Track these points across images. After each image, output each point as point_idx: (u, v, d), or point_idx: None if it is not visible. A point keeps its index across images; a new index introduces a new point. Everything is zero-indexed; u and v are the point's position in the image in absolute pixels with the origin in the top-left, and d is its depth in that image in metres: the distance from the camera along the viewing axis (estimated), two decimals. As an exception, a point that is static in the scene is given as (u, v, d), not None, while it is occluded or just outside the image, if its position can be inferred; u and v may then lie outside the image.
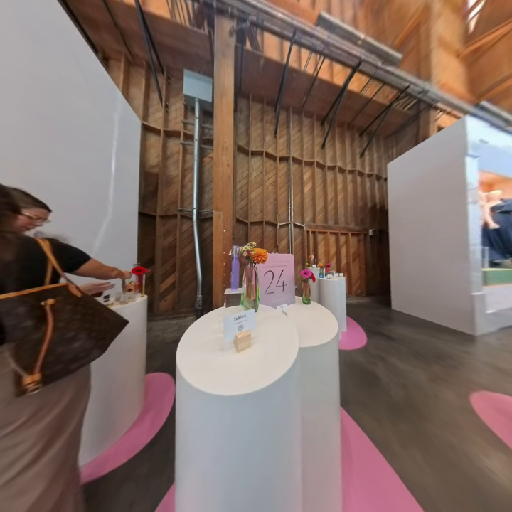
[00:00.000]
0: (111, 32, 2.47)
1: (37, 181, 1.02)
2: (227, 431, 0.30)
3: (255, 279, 0.60)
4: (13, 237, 0.41)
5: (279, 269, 0.85)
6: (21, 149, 0.96)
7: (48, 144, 1.10)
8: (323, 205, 3.72)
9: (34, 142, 1.03)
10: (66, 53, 1.27)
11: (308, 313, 0.76)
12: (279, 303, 0.82)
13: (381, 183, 4.23)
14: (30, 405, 0.38)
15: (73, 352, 0.43)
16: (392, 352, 1.62)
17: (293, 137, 3.60)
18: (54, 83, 1.15)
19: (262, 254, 0.61)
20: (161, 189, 2.70)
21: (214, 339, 0.45)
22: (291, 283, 0.90)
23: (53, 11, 1.20)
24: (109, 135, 1.74)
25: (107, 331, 0.52)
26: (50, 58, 1.14)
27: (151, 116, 2.76)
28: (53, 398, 0.42)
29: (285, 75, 2.99)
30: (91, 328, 0.48)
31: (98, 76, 1.60)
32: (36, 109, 1.04)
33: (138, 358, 1.02)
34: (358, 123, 4.07)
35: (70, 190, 1.24)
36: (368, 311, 2.90)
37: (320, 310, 0.80)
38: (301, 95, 3.46)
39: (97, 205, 1.55)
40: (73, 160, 1.29)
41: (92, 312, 0.51)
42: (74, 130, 1.30)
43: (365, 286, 3.86)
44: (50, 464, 0.39)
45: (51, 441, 0.40)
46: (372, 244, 4.00)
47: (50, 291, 0.45)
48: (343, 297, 2.07)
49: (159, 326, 2.29)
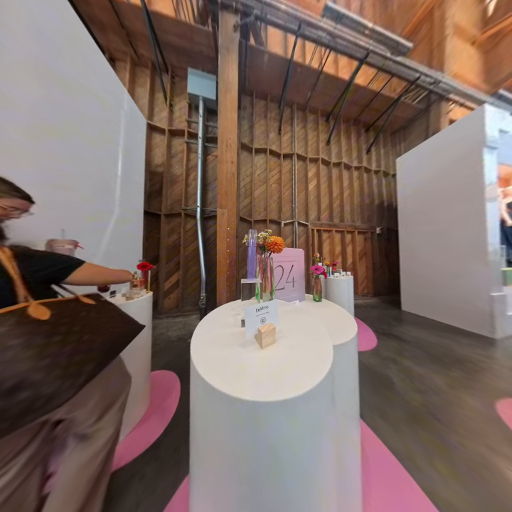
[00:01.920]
0: (117, 33, 2.50)
1: (47, 181, 1.05)
2: (252, 438, 0.25)
3: (270, 271, 0.56)
4: None
5: (289, 265, 0.82)
6: (32, 149, 0.99)
7: (57, 143, 1.12)
8: (329, 202, 3.64)
9: (44, 141, 1.05)
10: (78, 55, 1.30)
11: (321, 311, 0.72)
12: (289, 300, 0.80)
13: (389, 180, 4.10)
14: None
15: (20, 404, 0.32)
16: (406, 355, 1.54)
17: (297, 134, 3.53)
18: (64, 83, 1.17)
19: (279, 243, 0.55)
20: (165, 188, 2.72)
21: (230, 334, 0.41)
22: (301, 279, 0.87)
23: (66, 13, 1.23)
24: (117, 135, 1.76)
25: (84, 362, 0.39)
26: (62, 59, 1.16)
27: (156, 115, 2.79)
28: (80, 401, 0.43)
29: (289, 70, 2.93)
30: (52, 366, 0.36)
31: (106, 76, 1.62)
32: (47, 108, 1.06)
33: (143, 355, 1.02)
34: (365, 118, 3.94)
35: (77, 189, 1.27)
36: (376, 311, 2.82)
37: (333, 308, 0.76)
38: (305, 91, 3.39)
39: (104, 204, 1.58)
40: (81, 159, 1.31)
41: (62, 339, 0.38)
42: (82, 130, 1.32)
43: (373, 286, 3.76)
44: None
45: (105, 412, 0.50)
46: (379, 243, 3.89)
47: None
48: (351, 297, 2.01)
49: (164, 324, 2.32)
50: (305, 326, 0.46)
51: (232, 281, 2.25)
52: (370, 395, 1.09)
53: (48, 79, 1.07)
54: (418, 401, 1.05)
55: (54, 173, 1.11)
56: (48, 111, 1.07)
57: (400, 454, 0.76)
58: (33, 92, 0.99)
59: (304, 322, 0.48)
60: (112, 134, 1.69)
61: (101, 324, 0.47)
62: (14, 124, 0.91)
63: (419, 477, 0.68)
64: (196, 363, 0.32)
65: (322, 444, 0.29)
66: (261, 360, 0.33)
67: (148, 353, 1.09)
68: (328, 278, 2.03)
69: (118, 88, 1.80)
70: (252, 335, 0.37)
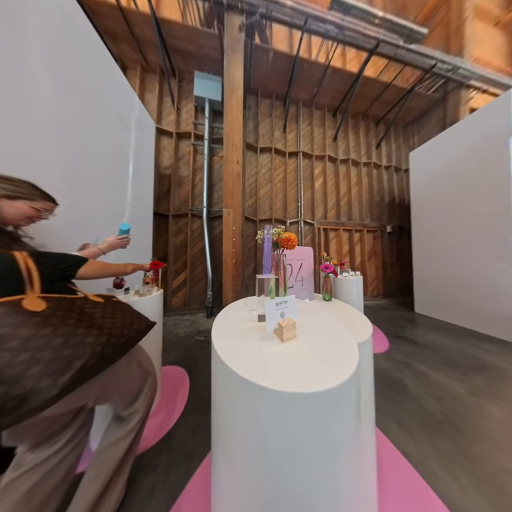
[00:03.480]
0: (128, 42, 2.62)
1: (74, 188, 1.14)
2: (277, 429, 0.25)
3: (283, 268, 0.55)
4: None
5: (298, 263, 0.81)
6: (60, 157, 1.08)
7: (79, 151, 1.22)
8: (336, 200, 3.54)
9: (69, 149, 1.14)
10: (95, 67, 1.39)
11: (333, 310, 0.70)
12: (298, 298, 0.79)
13: (400, 175, 3.90)
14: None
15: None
16: (421, 359, 1.45)
17: (303, 131, 3.48)
18: (80, 92, 1.25)
19: (293, 239, 0.55)
20: (173, 189, 2.81)
21: (248, 328, 0.41)
22: (310, 278, 0.85)
23: (85, 28, 1.33)
24: (128, 140, 1.85)
25: (72, 358, 0.36)
26: (82, 71, 1.25)
27: (164, 119, 2.88)
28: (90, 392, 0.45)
29: (295, 67, 2.89)
30: (32, 361, 0.33)
31: (119, 84, 1.71)
32: (67, 116, 1.14)
33: (155, 350, 1.04)
34: (374, 112, 3.78)
35: (92, 191, 1.35)
36: (387, 313, 2.70)
37: (345, 307, 0.74)
38: (311, 87, 3.32)
39: (117, 206, 1.67)
40: (96, 164, 1.39)
41: (51, 331, 0.36)
42: (97, 136, 1.40)
43: (383, 286, 3.61)
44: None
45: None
46: (390, 242, 3.72)
47: None
48: (361, 297, 1.92)
49: (172, 321, 2.40)
50: (323, 323, 0.45)
51: (238, 280, 2.27)
52: (384, 400, 1.04)
53: (68, 90, 1.15)
54: (436, 408, 0.98)
55: (78, 180, 1.21)
56: (70, 120, 1.16)
57: (417, 463, 0.72)
58: (56, 105, 1.07)
59: (321, 319, 0.48)
60: (124, 139, 1.78)
61: (103, 321, 0.45)
62: (44, 136, 0.99)
63: (438, 487, 0.64)
64: (222, 354, 0.32)
65: (344, 443, 0.28)
66: (284, 353, 0.33)
67: (160, 349, 1.12)
68: (336, 278, 1.98)
69: (130, 95, 1.89)
70: (273, 329, 0.37)
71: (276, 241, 0.55)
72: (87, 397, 0.45)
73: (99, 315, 0.47)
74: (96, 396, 0.46)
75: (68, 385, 0.35)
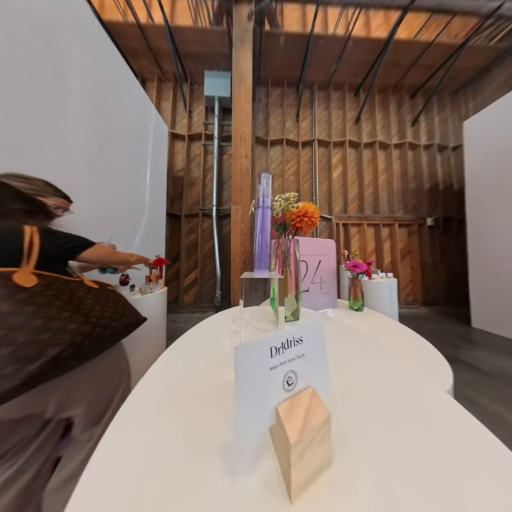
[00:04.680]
0: (146, 56, 2.82)
1: (102, 191, 1.28)
2: None
3: (295, 263, 0.35)
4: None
5: (316, 260, 0.63)
6: (91, 164, 1.22)
7: (107, 158, 1.36)
8: (358, 191, 3.10)
9: (99, 157, 1.28)
10: (118, 82, 1.54)
11: (368, 327, 0.50)
12: (316, 306, 0.61)
13: (446, 155, 3.16)
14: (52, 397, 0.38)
15: None
16: (489, 394, 1.08)
17: (318, 117, 3.15)
18: (107, 108, 1.39)
19: (311, 212, 0.33)
20: (185, 190, 2.91)
21: (216, 393, 0.20)
22: (332, 279, 0.66)
23: (111, 51, 1.47)
24: (146, 146, 1.98)
25: (47, 344, 0.32)
26: (106, 87, 1.39)
27: (178, 124, 3.01)
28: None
29: (309, 46, 2.62)
30: (4, 340, 0.30)
31: (139, 98, 1.85)
32: (96, 129, 1.28)
33: (157, 347, 1.03)
34: (409, 81, 3.16)
35: (116, 195, 1.47)
36: (430, 325, 2.20)
37: (385, 322, 0.53)
38: (328, 65, 2.98)
39: (136, 208, 1.79)
40: (119, 169, 1.53)
41: (34, 310, 0.33)
42: (119, 145, 1.54)
43: (421, 292, 2.99)
44: None
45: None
46: (431, 237, 3.05)
47: None
48: (395, 305, 1.57)
49: (183, 319, 2.47)
50: (386, 381, 0.22)
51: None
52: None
53: (97, 107, 1.29)
54: None
55: (106, 185, 1.33)
56: (98, 133, 1.30)
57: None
58: (88, 120, 1.21)
59: (374, 363, 0.26)
60: (142, 147, 1.92)
61: (91, 307, 0.42)
62: (71, 142, 1.10)
63: None
64: None
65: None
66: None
67: (163, 346, 1.08)
68: (363, 279, 1.65)
69: (148, 107, 2.02)
70: (255, 439, 0.13)
71: (283, 218, 0.33)
72: (47, 401, 0.38)
73: (90, 301, 0.44)
74: (57, 402, 0.39)
75: (33, 376, 0.30)
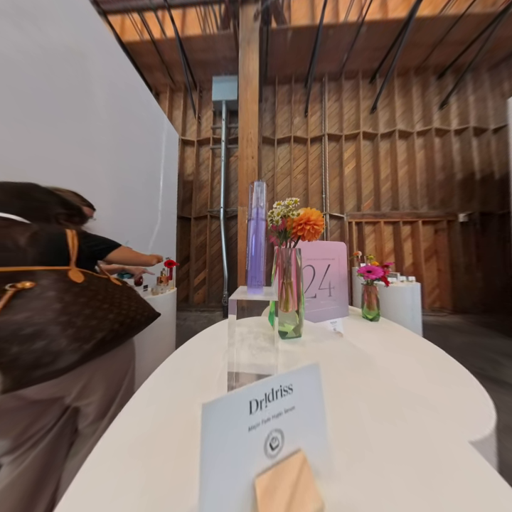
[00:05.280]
0: (159, 69, 3.02)
1: (121, 198, 1.45)
2: None
3: (297, 274, 0.33)
4: (38, 226, 0.43)
5: (324, 264, 0.59)
6: (111, 173, 1.36)
7: (125, 167, 1.52)
8: (374, 186, 2.86)
9: (119, 168, 1.44)
10: (136, 98, 1.71)
11: (385, 345, 0.42)
12: (323, 315, 0.55)
13: (486, 138, 2.72)
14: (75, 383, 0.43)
15: (32, 354, 0.33)
16: None
17: (328, 110, 2.99)
18: (126, 122, 1.55)
19: (313, 221, 0.31)
20: (195, 194, 3.03)
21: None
22: (343, 285, 0.61)
23: (130, 70, 1.64)
24: (159, 155, 2.13)
25: (96, 329, 0.40)
26: (124, 102, 1.55)
27: (188, 130, 3.15)
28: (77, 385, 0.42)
29: (318, 38, 2.51)
30: (69, 323, 0.37)
31: (154, 110, 2.01)
32: (115, 143, 1.43)
33: (167, 347, 1.06)
34: (436, 60, 2.80)
35: (132, 203, 1.63)
36: (463, 337, 1.90)
37: (406, 338, 0.46)
38: (339, 55, 2.81)
39: (150, 213, 1.94)
40: (135, 179, 1.69)
41: (85, 301, 0.42)
42: (136, 156, 1.70)
43: (451, 298, 2.63)
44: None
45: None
46: (464, 236, 2.66)
47: (30, 274, 0.38)
48: (417, 313, 1.38)
49: (193, 317, 2.58)
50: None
51: None
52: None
53: (117, 123, 1.45)
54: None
55: (124, 193, 1.49)
56: (118, 146, 1.46)
57: None
58: (109, 135, 1.35)
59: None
60: (157, 156, 2.08)
61: (121, 301, 0.51)
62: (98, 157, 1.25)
63: None
64: None
65: None
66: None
67: (173, 345, 1.11)
68: (379, 284, 1.45)
69: (161, 119, 2.17)
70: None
71: (283, 225, 0.31)
72: (72, 386, 0.43)
73: (118, 296, 0.51)
74: (78, 389, 0.44)
75: (88, 353, 0.38)
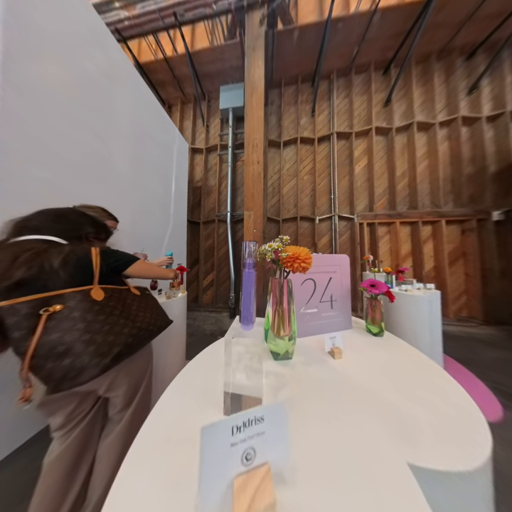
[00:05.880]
0: (172, 84, 3.23)
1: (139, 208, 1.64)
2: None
3: (288, 300, 0.38)
4: (70, 248, 0.47)
5: (325, 277, 0.59)
6: (131, 187, 1.55)
7: (142, 181, 1.71)
8: (388, 184, 2.67)
9: (133, 183, 1.60)
10: (152, 119, 1.90)
11: (385, 364, 0.41)
12: (323, 328, 0.56)
13: (528, 124, 2.34)
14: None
15: (62, 370, 0.39)
16: None
17: (337, 108, 2.88)
18: (142, 138, 1.73)
19: (303, 258, 0.37)
20: (203, 199, 3.17)
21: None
22: (346, 298, 0.62)
23: (146, 91, 1.83)
24: (171, 167, 2.32)
25: (113, 344, 0.44)
26: (143, 120, 1.74)
27: (197, 139, 3.31)
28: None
29: (326, 33, 2.43)
30: (91, 341, 0.41)
31: (167, 126, 2.20)
32: (135, 160, 1.62)
33: (179, 346, 1.14)
34: (463, 41, 2.50)
35: (148, 212, 1.81)
36: (496, 352, 1.64)
37: (408, 354, 0.45)
38: (349, 48, 2.69)
39: (163, 220, 2.12)
40: (151, 187, 1.88)
41: (104, 319, 0.45)
42: (151, 172, 1.88)
43: (482, 306, 2.33)
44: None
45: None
46: (500, 236, 2.33)
47: (60, 297, 0.42)
48: (437, 324, 1.26)
49: (201, 317, 2.71)
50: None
51: (259, 284, 2.22)
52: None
53: (135, 137, 1.64)
54: None
55: (141, 204, 1.68)
56: (137, 162, 1.64)
57: None
58: (130, 153, 1.54)
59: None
60: (169, 166, 2.26)
61: (137, 313, 0.53)
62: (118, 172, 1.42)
63: None
64: None
65: None
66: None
67: (183, 344, 1.19)
68: (392, 291, 1.33)
69: (172, 132, 2.35)
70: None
71: (277, 260, 0.38)
72: (103, 381, 0.49)
73: (135, 307, 0.54)
74: (108, 383, 0.50)
75: (107, 367, 0.43)
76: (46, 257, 0.43)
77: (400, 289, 1.34)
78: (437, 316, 1.28)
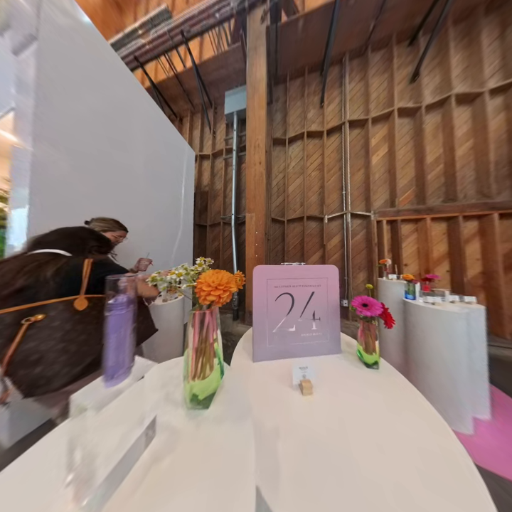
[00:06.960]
0: (182, 97, 3.46)
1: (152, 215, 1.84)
2: None
3: (213, 338, 0.28)
4: (66, 259, 0.49)
5: (306, 291, 0.50)
6: (145, 198, 1.74)
7: (154, 191, 1.90)
8: (415, 174, 2.25)
9: (147, 194, 1.79)
10: (164, 136, 2.10)
11: (375, 406, 0.30)
12: (306, 350, 0.47)
13: None
14: None
15: (32, 378, 0.40)
16: None
17: (350, 93, 2.59)
18: (155, 152, 1.92)
19: (223, 285, 0.26)
20: (210, 203, 3.28)
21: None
22: (333, 316, 0.51)
23: (158, 109, 2.02)
24: (181, 173, 2.48)
25: (87, 354, 0.44)
26: (157, 136, 1.94)
27: (205, 146, 3.45)
28: None
29: (335, 13, 2.19)
30: (63, 350, 0.42)
31: (177, 138, 2.38)
32: (149, 172, 1.81)
33: (175, 350, 1.12)
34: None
35: (159, 219, 1.97)
36: None
37: (409, 399, 0.32)
38: (364, 25, 2.38)
39: (172, 226, 2.27)
40: (163, 196, 2.05)
41: (82, 328, 0.45)
42: (163, 177, 2.05)
43: (558, 327, 1.72)
44: None
45: None
46: None
47: (44, 307, 0.43)
48: (480, 347, 1.00)
49: (206, 316, 2.79)
50: None
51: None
52: None
53: (150, 153, 1.83)
54: None
55: (153, 213, 1.87)
56: (151, 175, 1.84)
57: None
58: (146, 165, 1.75)
59: None
60: (179, 175, 2.44)
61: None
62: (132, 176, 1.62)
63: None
64: None
65: None
66: None
67: (179, 348, 1.17)
68: (410, 303, 1.07)
69: (182, 144, 2.52)
70: None
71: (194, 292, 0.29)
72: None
73: None
74: None
75: (77, 376, 0.44)
76: (44, 268, 0.46)
77: (424, 302, 1.07)
78: (481, 339, 0.99)
